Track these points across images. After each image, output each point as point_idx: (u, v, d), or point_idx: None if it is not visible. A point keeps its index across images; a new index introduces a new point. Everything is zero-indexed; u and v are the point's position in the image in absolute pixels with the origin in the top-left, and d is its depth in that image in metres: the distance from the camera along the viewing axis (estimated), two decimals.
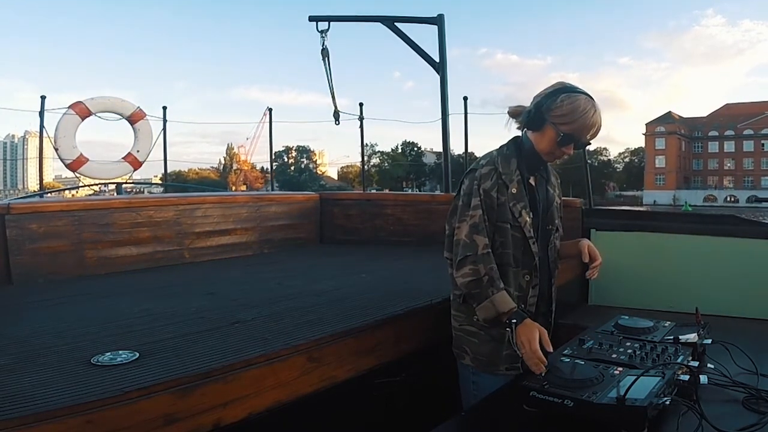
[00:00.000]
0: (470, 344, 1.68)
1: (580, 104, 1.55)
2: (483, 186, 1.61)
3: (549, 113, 1.57)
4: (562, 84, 1.62)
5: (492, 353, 1.65)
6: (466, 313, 1.69)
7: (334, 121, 5.31)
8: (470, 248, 1.58)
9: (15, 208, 2.73)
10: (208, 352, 1.52)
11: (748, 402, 1.31)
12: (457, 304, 1.74)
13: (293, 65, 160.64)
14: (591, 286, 2.94)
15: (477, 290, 1.56)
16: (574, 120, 1.55)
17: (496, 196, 1.61)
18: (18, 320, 1.99)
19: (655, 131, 66.50)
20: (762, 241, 2.59)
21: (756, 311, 2.37)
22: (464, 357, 1.70)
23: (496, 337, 1.63)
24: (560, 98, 1.56)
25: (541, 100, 1.60)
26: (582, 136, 1.59)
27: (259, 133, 65.20)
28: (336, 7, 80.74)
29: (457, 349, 1.73)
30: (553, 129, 1.57)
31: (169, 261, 3.22)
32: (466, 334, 1.70)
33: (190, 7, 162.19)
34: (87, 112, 7.17)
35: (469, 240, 1.58)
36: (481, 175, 1.63)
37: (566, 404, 1.23)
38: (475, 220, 1.59)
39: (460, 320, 1.72)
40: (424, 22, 5.12)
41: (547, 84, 1.65)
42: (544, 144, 1.62)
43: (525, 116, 1.63)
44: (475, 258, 1.57)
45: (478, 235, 1.58)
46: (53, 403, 1.16)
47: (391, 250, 3.66)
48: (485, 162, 1.66)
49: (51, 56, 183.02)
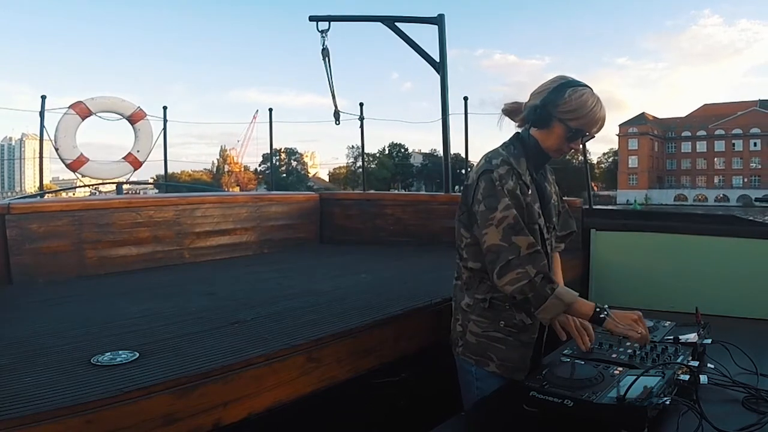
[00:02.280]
0: (497, 351, 1.59)
1: (587, 98, 1.51)
2: (506, 186, 1.50)
3: (556, 109, 1.52)
4: (563, 78, 1.56)
5: (521, 359, 1.59)
6: (491, 318, 1.60)
7: (335, 121, 5.31)
8: (512, 251, 1.46)
9: (15, 208, 2.73)
10: (208, 352, 1.52)
11: (747, 402, 1.31)
12: (480, 309, 1.62)
13: (292, 66, 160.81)
14: (591, 286, 2.94)
15: (533, 292, 1.45)
16: (583, 115, 1.51)
17: (521, 197, 1.53)
18: (18, 320, 2.00)
19: (628, 132, 68.04)
20: (762, 241, 2.59)
21: (756, 311, 2.37)
22: (488, 364, 1.60)
23: (526, 341, 1.59)
24: (567, 93, 1.51)
25: (547, 96, 1.53)
26: (591, 130, 1.55)
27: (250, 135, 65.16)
28: (335, 7, 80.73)
29: (478, 356, 1.62)
30: (562, 125, 1.52)
31: (169, 261, 3.22)
32: (491, 340, 1.60)
33: (189, 8, 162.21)
34: (87, 111, 7.16)
35: (507, 243, 1.46)
36: (500, 175, 1.51)
37: (566, 404, 1.23)
38: (509, 221, 1.47)
39: (484, 326, 1.61)
40: (424, 22, 5.13)
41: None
42: (551, 141, 1.56)
43: (531, 114, 1.56)
44: (520, 260, 1.45)
45: (518, 236, 1.46)
46: (53, 403, 1.16)
47: (391, 250, 3.66)
48: (499, 162, 1.54)
49: (49, 59, 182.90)
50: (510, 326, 1.59)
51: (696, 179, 67.69)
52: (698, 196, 64.40)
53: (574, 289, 1.49)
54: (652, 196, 62.51)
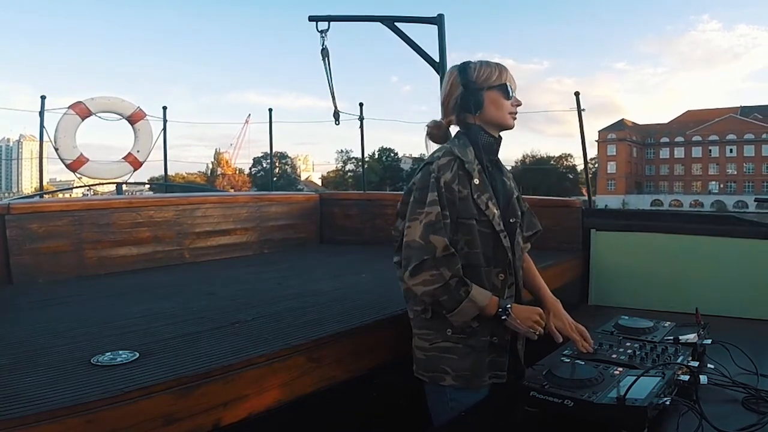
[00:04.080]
0: (449, 362, 1.51)
1: (482, 62, 1.59)
2: (443, 178, 1.45)
3: (477, 83, 1.55)
4: (453, 66, 1.62)
5: (475, 365, 1.50)
6: (436, 329, 1.52)
7: (335, 122, 5.30)
8: (427, 251, 1.40)
9: (15, 208, 2.73)
10: (208, 352, 1.51)
11: (747, 402, 1.31)
12: (422, 321, 1.55)
13: (292, 69, 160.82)
14: (591, 286, 2.94)
15: (445, 296, 1.41)
16: (497, 72, 1.57)
17: (457, 189, 1.46)
18: (18, 320, 1.99)
19: (607, 138, 69.13)
20: (762, 241, 2.59)
21: (756, 311, 2.37)
22: (443, 378, 1.51)
23: (477, 346, 1.50)
24: (470, 68, 1.57)
25: (461, 83, 1.57)
26: (510, 81, 1.59)
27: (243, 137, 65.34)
28: (334, 8, 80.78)
29: (431, 371, 1.54)
30: (491, 91, 1.56)
31: (169, 261, 3.22)
32: (441, 352, 1.52)
33: (189, 8, 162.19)
34: (87, 112, 7.16)
35: (424, 241, 1.40)
36: (439, 166, 1.46)
37: (566, 404, 1.23)
38: (431, 218, 1.42)
39: (431, 338, 1.53)
40: (424, 22, 5.11)
41: (545, 88, 1.70)
42: (494, 110, 1.56)
43: (461, 105, 1.57)
44: (435, 261, 1.39)
45: (436, 235, 1.40)
46: (53, 403, 1.16)
47: (391, 250, 3.65)
48: (441, 154, 1.51)
49: (49, 59, 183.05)
50: (458, 333, 1.50)
51: (674, 185, 69.13)
52: (673, 201, 65.67)
53: (574, 290, 1.49)
54: (630, 201, 63.59)
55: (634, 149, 70.23)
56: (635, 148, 70.32)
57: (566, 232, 3.07)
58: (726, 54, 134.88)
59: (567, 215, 3.11)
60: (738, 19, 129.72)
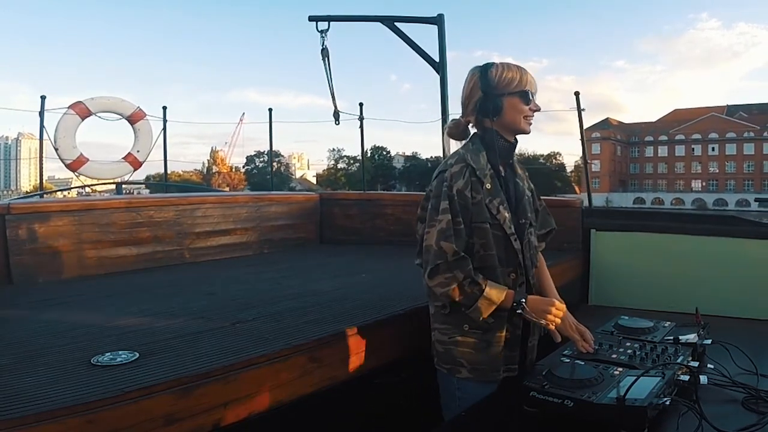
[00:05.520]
0: (466, 355, 1.59)
1: (505, 66, 1.58)
2: (456, 186, 1.52)
3: (496, 89, 1.56)
4: (475, 67, 1.61)
5: (492, 359, 1.58)
6: (454, 323, 1.60)
7: (334, 121, 5.30)
8: (440, 256, 1.50)
9: (15, 208, 2.73)
10: (208, 352, 1.52)
11: (747, 402, 1.31)
12: (441, 316, 1.64)
13: (291, 67, 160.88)
14: (591, 286, 2.94)
15: (462, 295, 1.50)
16: (519, 77, 1.57)
17: (470, 195, 1.53)
18: (18, 320, 2.00)
19: (591, 137, 69.18)
20: (762, 241, 2.59)
21: (756, 311, 2.37)
22: (460, 371, 1.59)
23: (492, 341, 1.58)
24: (491, 72, 1.57)
25: (481, 86, 1.57)
26: (531, 87, 1.59)
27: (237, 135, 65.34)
28: (334, 8, 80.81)
29: (449, 363, 1.62)
30: (511, 96, 1.56)
31: (169, 261, 3.22)
32: (459, 345, 1.60)
33: (189, 8, 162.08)
34: (87, 111, 7.15)
35: (437, 247, 1.50)
36: (451, 174, 1.54)
37: (566, 404, 1.23)
38: (442, 225, 1.50)
39: (449, 332, 1.62)
40: (424, 22, 5.12)
41: (544, 86, 1.71)
42: (512, 116, 1.58)
43: (480, 107, 1.58)
44: (448, 265, 1.49)
45: (446, 242, 1.49)
46: (53, 403, 1.16)
47: (391, 250, 3.65)
48: (454, 161, 1.58)
49: (49, 59, 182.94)
50: (474, 328, 1.57)
51: (657, 183, 69.87)
52: (655, 199, 66.31)
53: (574, 290, 1.50)
54: (613, 199, 63.78)
55: (619, 148, 71.01)
56: (620, 147, 71.07)
57: (566, 232, 3.07)
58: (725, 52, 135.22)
59: (567, 215, 3.11)
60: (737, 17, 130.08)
